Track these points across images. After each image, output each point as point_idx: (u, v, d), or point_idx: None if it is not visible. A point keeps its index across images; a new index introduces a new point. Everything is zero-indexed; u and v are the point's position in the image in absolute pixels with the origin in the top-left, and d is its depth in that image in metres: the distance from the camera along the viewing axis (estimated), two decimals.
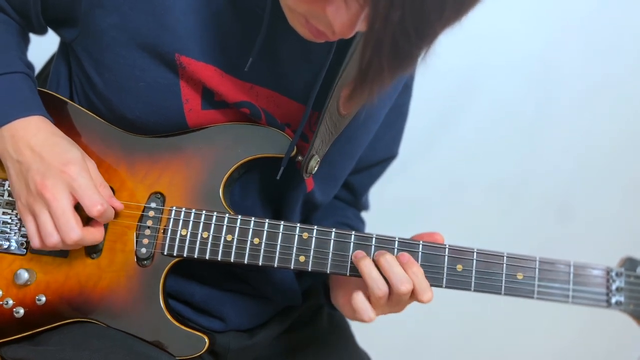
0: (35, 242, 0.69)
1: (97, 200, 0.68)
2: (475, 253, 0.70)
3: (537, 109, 1.42)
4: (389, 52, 0.48)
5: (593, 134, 1.44)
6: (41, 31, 0.81)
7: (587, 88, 1.41)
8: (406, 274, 0.67)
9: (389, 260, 0.68)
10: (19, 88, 0.73)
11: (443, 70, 0.52)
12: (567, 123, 1.43)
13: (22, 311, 0.73)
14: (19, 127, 0.70)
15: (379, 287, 0.67)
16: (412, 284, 0.67)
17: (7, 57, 0.74)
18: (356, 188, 0.93)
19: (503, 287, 0.69)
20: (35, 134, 0.70)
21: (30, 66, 0.78)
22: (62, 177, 0.68)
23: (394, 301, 0.69)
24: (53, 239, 0.68)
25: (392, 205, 1.04)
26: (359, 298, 0.70)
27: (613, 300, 0.70)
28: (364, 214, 1.00)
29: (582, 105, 1.42)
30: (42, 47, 0.86)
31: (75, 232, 0.67)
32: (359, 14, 0.51)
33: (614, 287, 0.70)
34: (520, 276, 0.69)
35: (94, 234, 0.71)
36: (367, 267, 0.68)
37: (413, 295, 0.68)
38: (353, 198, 0.95)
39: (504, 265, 0.70)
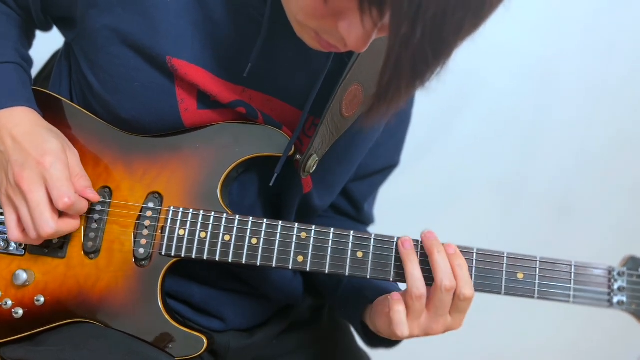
0: (13, 234, 0.69)
1: (65, 193, 0.67)
2: (475, 253, 0.69)
3: (536, 109, 1.41)
4: (408, 74, 0.48)
5: (593, 133, 1.43)
6: (44, 28, 0.81)
7: (587, 87, 1.40)
8: (450, 267, 0.66)
9: (442, 255, 0.66)
10: (8, 78, 0.73)
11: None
12: (567, 122, 1.42)
13: (21, 312, 0.73)
14: (2, 116, 0.70)
15: (418, 287, 0.66)
16: (455, 279, 0.66)
17: (1, 47, 0.74)
18: (356, 197, 0.91)
19: (503, 287, 0.69)
20: (18, 123, 0.70)
21: (26, 59, 0.77)
22: (37, 169, 0.67)
23: (432, 308, 0.67)
24: (32, 233, 0.68)
25: (391, 205, 1.03)
26: (399, 309, 0.67)
27: (615, 300, 0.69)
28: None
29: (581, 104, 1.41)
30: (42, 49, 0.86)
31: (49, 226, 0.67)
32: (374, 29, 0.50)
33: (615, 286, 0.69)
34: (520, 276, 0.69)
35: (71, 224, 0.70)
36: (412, 266, 0.67)
37: (455, 297, 0.66)
38: (354, 210, 0.92)
39: (504, 264, 0.69)
